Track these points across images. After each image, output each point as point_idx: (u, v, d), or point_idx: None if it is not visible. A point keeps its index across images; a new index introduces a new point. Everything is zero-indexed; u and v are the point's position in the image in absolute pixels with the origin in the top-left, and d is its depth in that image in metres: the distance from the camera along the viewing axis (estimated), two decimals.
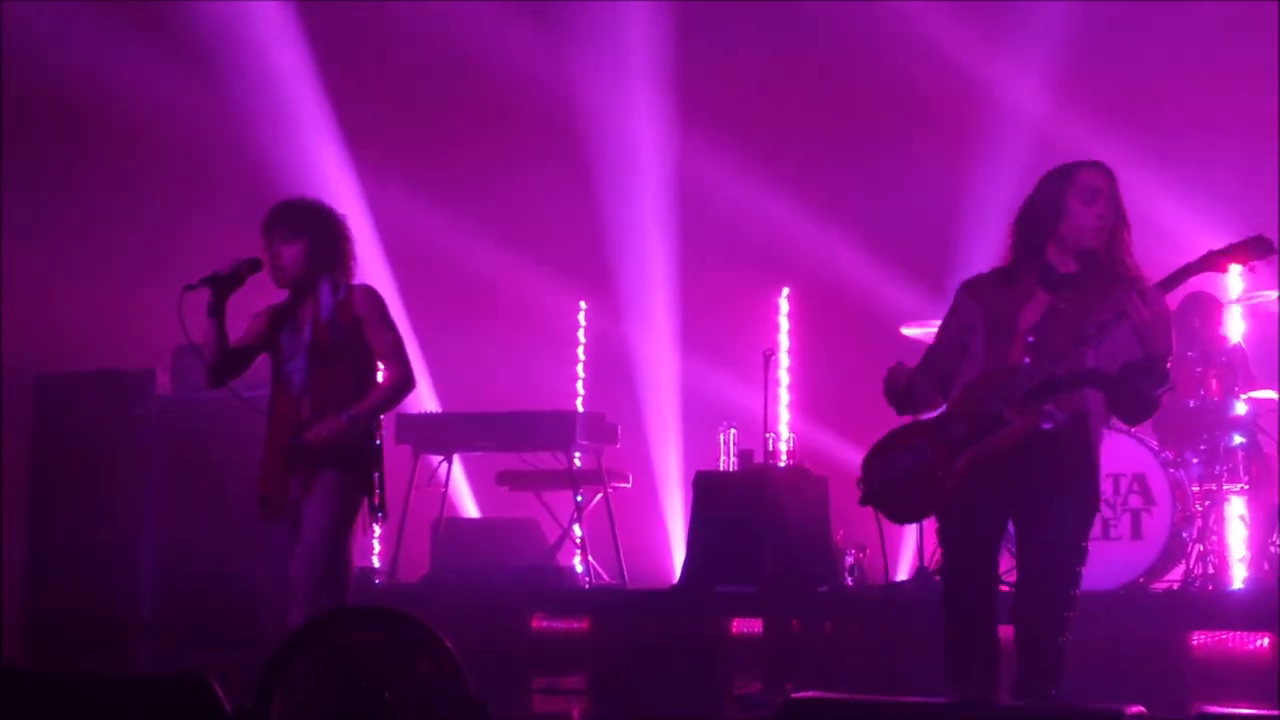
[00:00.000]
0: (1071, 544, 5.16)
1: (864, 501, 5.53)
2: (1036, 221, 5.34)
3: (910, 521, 5.44)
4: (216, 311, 6.11)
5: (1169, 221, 9.44)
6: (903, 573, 10.44)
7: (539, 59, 11.70)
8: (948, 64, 11.12)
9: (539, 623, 9.23)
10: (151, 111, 11.29)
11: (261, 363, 6.40)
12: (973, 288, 5.44)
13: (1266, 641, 7.86)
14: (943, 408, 5.41)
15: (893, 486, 5.35)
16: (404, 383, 6.24)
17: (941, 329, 5.50)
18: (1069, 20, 10.81)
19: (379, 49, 11.98)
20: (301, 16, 11.54)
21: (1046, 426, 5.14)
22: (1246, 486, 8.64)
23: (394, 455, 10.33)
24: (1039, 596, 5.14)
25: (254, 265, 6.17)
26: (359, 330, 6.20)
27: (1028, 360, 5.16)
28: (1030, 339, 5.21)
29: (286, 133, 11.42)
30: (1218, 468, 8.60)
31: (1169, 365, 5.12)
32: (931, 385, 5.44)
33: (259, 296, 6.40)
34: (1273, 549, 8.75)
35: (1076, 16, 10.81)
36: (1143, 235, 5.55)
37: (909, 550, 9.90)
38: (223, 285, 6.09)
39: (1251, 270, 5.15)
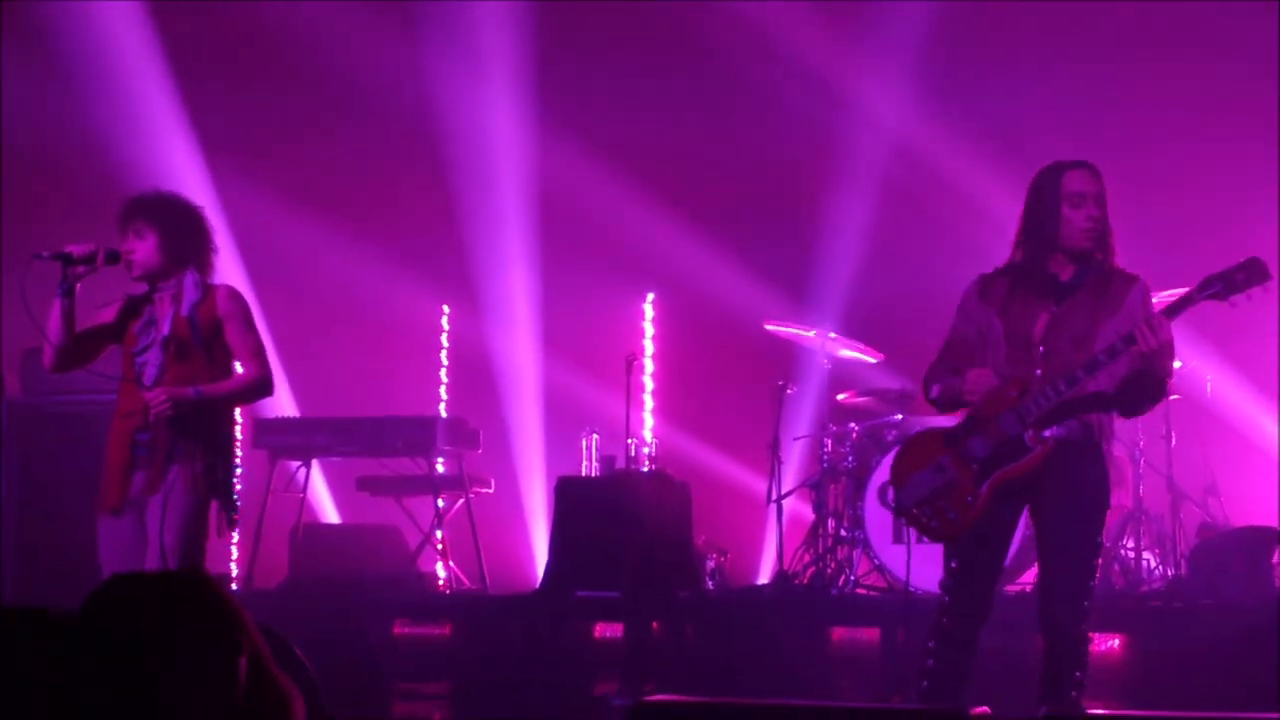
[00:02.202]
0: (1090, 539, 5.53)
1: (898, 515, 5.81)
2: (1036, 228, 5.60)
3: (943, 540, 5.63)
4: (67, 292, 5.92)
5: None
6: (763, 576, 10.53)
7: (398, 60, 11.63)
8: (808, 71, 11.21)
9: (400, 628, 9.16)
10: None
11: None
12: (984, 291, 5.69)
13: (1117, 643, 8.01)
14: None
15: (924, 505, 5.61)
16: (263, 382, 6.12)
17: (956, 326, 5.75)
18: (929, 32, 10.95)
19: (234, 49, 11.82)
20: (152, 14, 11.35)
21: (1062, 435, 5.48)
22: None
23: (251, 460, 10.24)
24: (1064, 589, 5.49)
25: (112, 256, 5.99)
26: (219, 330, 6.07)
27: (1039, 372, 5.48)
28: (1041, 349, 5.51)
29: (138, 133, 11.22)
30: None
31: (1168, 383, 5.53)
32: (952, 376, 5.72)
33: (115, 288, 6.27)
34: (1123, 552, 8.91)
35: (937, 29, 10.94)
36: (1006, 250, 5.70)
37: (770, 554, 9.96)
38: (75, 264, 5.90)
39: (1248, 299, 5.32)
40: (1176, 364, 9.09)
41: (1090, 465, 5.53)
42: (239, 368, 6.21)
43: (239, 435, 10.78)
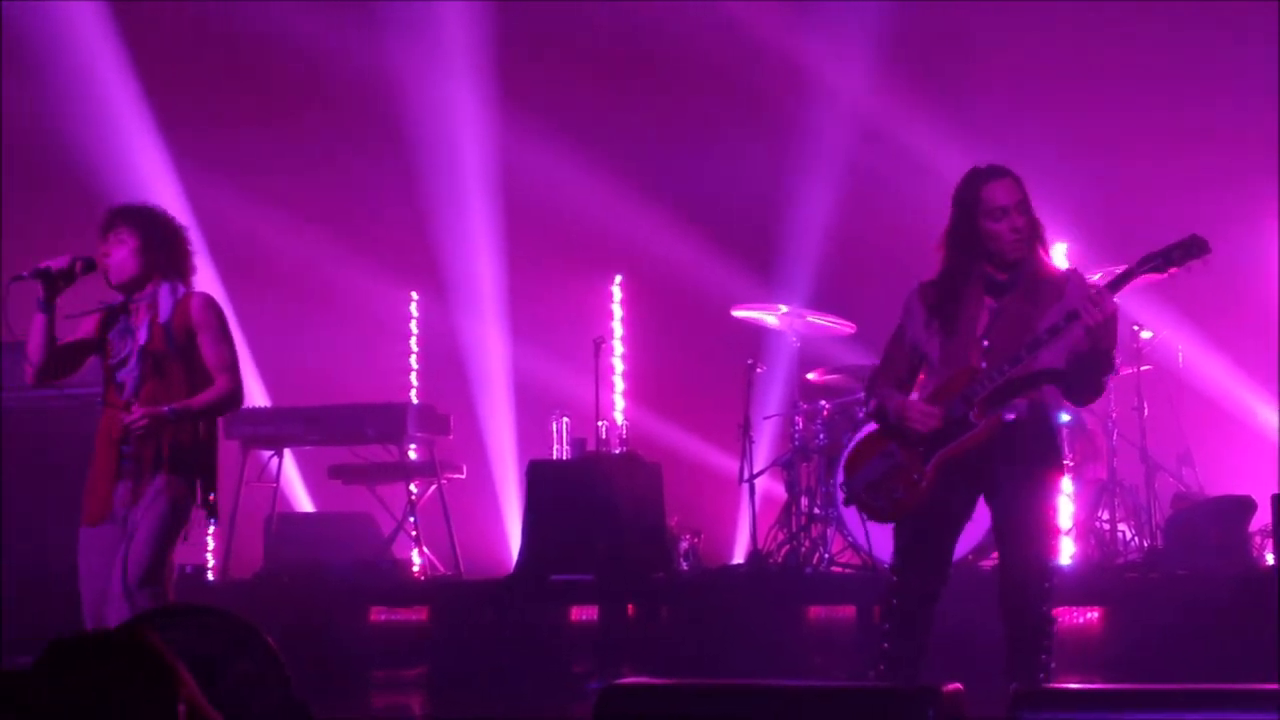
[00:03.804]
0: (1045, 517, 5.54)
1: (848, 502, 5.85)
2: (961, 241, 5.63)
3: (890, 521, 5.65)
4: (47, 308, 5.98)
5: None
6: (738, 556, 10.51)
7: (363, 51, 11.58)
8: (769, 49, 11.20)
9: (377, 615, 9.15)
10: None
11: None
12: (926, 297, 5.71)
13: (1095, 615, 8.01)
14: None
15: (873, 489, 5.66)
16: (233, 395, 6.15)
17: (897, 335, 5.79)
18: (890, 9, 10.93)
19: (198, 43, 11.78)
20: (116, 12, 11.30)
21: (1009, 417, 5.50)
22: (1071, 464, 8.80)
23: (223, 451, 10.15)
24: (1022, 572, 5.47)
25: (89, 265, 6.04)
26: (193, 338, 6.10)
27: (985, 365, 5.50)
28: (985, 343, 5.53)
29: (106, 130, 11.18)
30: None
31: (1115, 356, 5.49)
32: (893, 390, 5.74)
33: (93, 298, 6.26)
34: (1099, 524, 8.92)
35: (897, 7, 10.94)
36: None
37: (744, 534, 9.94)
38: (54, 281, 5.96)
39: (1188, 272, 5.39)
40: (1147, 334, 9.16)
41: (1040, 445, 5.54)
42: None
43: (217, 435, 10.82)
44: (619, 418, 10.98)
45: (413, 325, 11.94)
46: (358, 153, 11.86)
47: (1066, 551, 8.63)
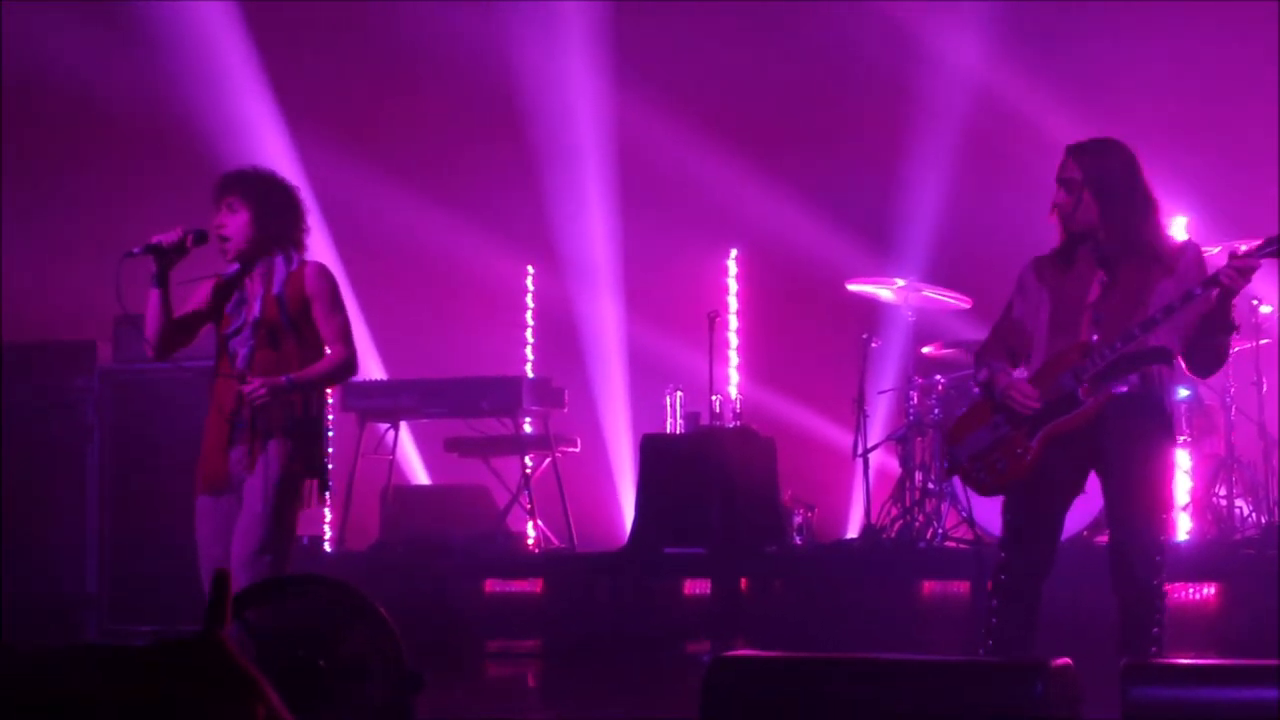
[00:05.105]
0: (1156, 491, 5.54)
1: (950, 472, 5.99)
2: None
3: (994, 494, 5.67)
4: (161, 282, 5.96)
5: None
6: (851, 530, 10.50)
7: (474, 22, 11.63)
8: (888, 24, 11.11)
9: (492, 587, 9.24)
10: (88, 85, 11.18)
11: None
12: (1038, 269, 5.73)
13: (1211, 591, 7.94)
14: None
15: (977, 460, 5.66)
16: (347, 364, 6.12)
17: (1012, 304, 5.80)
18: None
19: (315, 19, 11.86)
20: None
21: (1121, 390, 5.47)
22: (1189, 439, 8.71)
23: (340, 424, 10.36)
24: (1133, 545, 5.45)
25: (200, 237, 6.00)
26: (307, 309, 6.06)
27: (1096, 337, 5.48)
28: (1093, 314, 5.52)
29: (225, 104, 11.31)
30: None
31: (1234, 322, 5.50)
32: (1004, 361, 5.76)
33: (205, 265, 6.30)
34: (1216, 500, 8.82)
35: None
36: None
37: (858, 508, 9.93)
38: (167, 255, 5.93)
39: None
40: (1266, 308, 9.03)
41: (1151, 418, 5.52)
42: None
43: (329, 400, 10.96)
44: (733, 392, 10.97)
45: (528, 299, 12.00)
46: (474, 126, 11.91)
47: (1183, 527, 8.55)
